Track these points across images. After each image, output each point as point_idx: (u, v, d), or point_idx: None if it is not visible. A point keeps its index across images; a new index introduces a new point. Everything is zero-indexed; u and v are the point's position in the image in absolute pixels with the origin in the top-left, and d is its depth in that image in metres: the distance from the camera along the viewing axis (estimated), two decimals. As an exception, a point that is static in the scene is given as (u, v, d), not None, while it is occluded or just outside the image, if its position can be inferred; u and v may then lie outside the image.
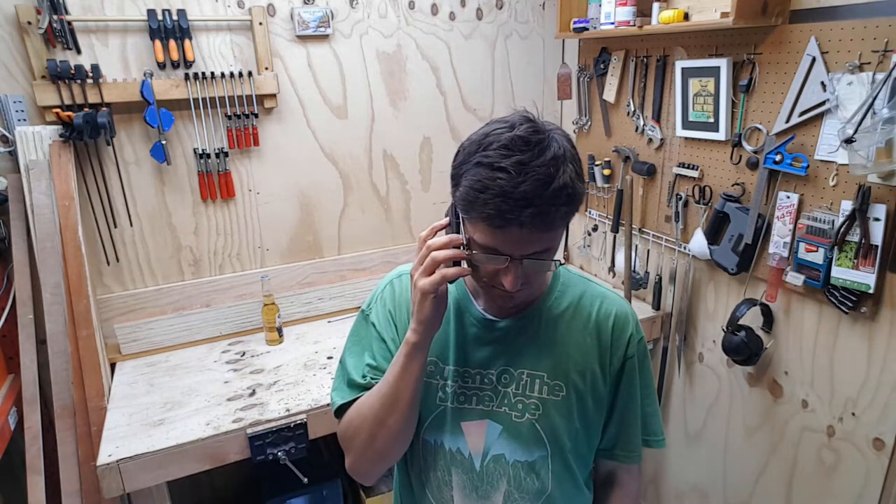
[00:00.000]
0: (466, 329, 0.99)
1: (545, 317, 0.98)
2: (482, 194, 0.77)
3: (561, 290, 1.01)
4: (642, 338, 1.02)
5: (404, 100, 2.14)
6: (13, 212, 1.68)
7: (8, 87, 1.64)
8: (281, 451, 1.55)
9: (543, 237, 0.81)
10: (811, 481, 1.62)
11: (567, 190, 0.78)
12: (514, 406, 0.97)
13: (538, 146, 0.78)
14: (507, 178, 0.76)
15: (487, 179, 0.77)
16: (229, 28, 1.83)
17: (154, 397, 1.65)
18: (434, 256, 0.84)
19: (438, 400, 0.99)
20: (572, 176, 0.79)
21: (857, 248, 1.34)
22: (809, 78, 1.40)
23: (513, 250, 0.81)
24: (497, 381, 0.98)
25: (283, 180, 2.04)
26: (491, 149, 0.78)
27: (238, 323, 2.01)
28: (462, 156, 0.84)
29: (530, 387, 0.97)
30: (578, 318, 0.99)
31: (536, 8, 2.25)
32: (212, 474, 2.17)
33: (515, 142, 0.78)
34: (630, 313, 1.01)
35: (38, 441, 1.62)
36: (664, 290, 2.01)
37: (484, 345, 0.98)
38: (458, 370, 0.99)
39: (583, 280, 1.05)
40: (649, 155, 1.96)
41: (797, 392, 1.61)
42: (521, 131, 0.78)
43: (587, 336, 0.98)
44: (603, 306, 1.00)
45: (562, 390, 0.97)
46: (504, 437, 0.97)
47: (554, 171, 0.77)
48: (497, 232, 0.79)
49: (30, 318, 1.69)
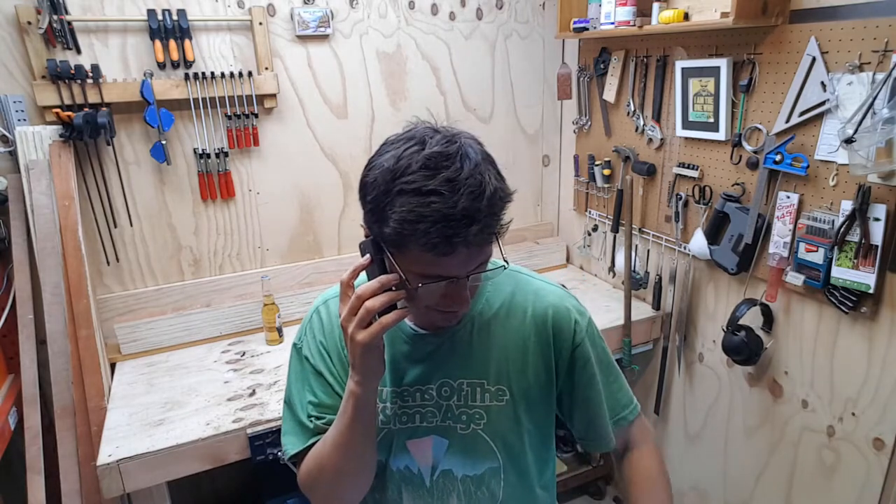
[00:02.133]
0: (397, 347, 0.95)
1: (477, 322, 0.94)
2: (419, 224, 0.70)
3: (491, 290, 0.96)
4: (589, 320, 0.99)
5: (404, 100, 2.14)
6: (13, 212, 1.68)
7: (8, 87, 1.64)
8: (281, 452, 1.55)
9: (487, 250, 0.79)
10: (811, 481, 1.62)
11: (499, 194, 0.75)
12: (458, 418, 0.94)
13: (458, 157, 0.73)
14: (442, 199, 0.70)
15: (420, 207, 0.70)
16: (229, 28, 1.83)
17: (154, 397, 1.65)
18: (368, 307, 0.77)
19: (381, 423, 0.95)
20: (496, 178, 0.76)
21: (857, 248, 1.34)
22: (809, 78, 1.40)
23: (458, 271, 0.77)
24: (438, 395, 0.94)
25: (283, 180, 2.04)
26: (410, 172, 0.71)
27: (238, 323, 2.01)
28: (376, 188, 0.75)
29: (472, 396, 0.94)
30: (513, 318, 0.95)
31: (536, 8, 2.25)
32: (212, 474, 2.16)
33: (434, 159, 0.72)
34: (568, 301, 0.98)
35: (38, 441, 1.62)
36: (664, 290, 2.01)
37: (417, 361, 0.95)
38: (395, 391, 0.95)
39: (512, 275, 0.99)
40: (649, 155, 1.96)
41: (797, 392, 1.61)
42: (436, 146, 0.73)
43: (525, 334, 0.95)
44: (538, 301, 0.96)
45: (505, 394, 0.94)
46: (452, 452, 0.95)
47: (481, 178, 0.72)
48: (443, 259, 0.74)
49: (30, 318, 1.69)
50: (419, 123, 0.79)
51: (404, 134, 0.78)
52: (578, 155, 2.31)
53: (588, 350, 0.97)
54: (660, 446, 2.18)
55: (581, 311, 0.99)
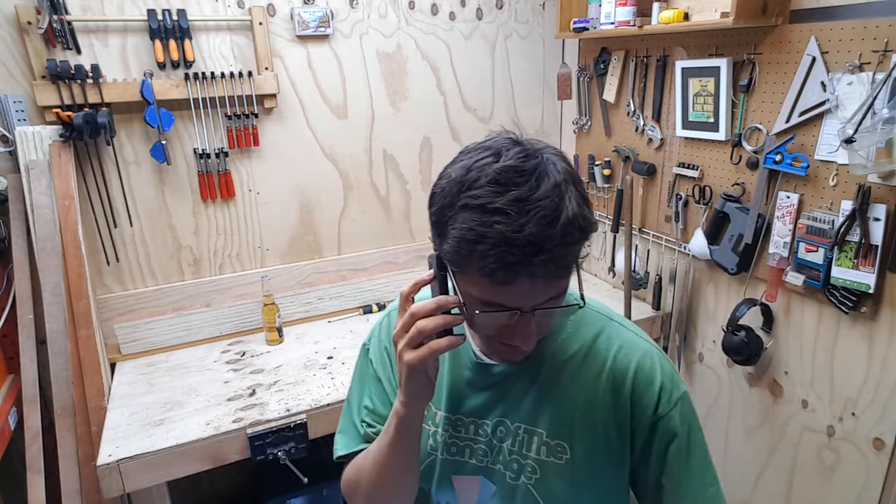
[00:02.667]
0: (460, 371, 0.87)
1: (549, 362, 0.82)
2: (479, 245, 0.63)
3: (571, 329, 0.84)
4: (684, 394, 0.81)
5: (404, 100, 2.14)
6: (13, 212, 1.68)
7: (8, 87, 1.64)
8: (281, 451, 1.55)
9: (559, 285, 0.68)
10: (811, 481, 1.62)
11: (577, 222, 0.64)
12: (510, 465, 0.84)
13: (534, 175, 0.64)
14: (506, 220, 0.62)
15: (482, 226, 0.63)
16: (229, 28, 1.83)
17: (154, 397, 1.65)
18: (420, 327, 0.71)
19: (429, 448, 0.89)
20: (579, 202, 0.65)
21: (857, 248, 1.34)
22: (809, 78, 1.40)
23: (522, 303, 0.67)
24: (492, 433, 0.85)
25: (283, 180, 2.04)
26: (478, 186, 0.64)
27: (238, 323, 2.01)
28: (442, 199, 0.68)
29: (527, 445, 0.83)
30: (589, 366, 0.82)
31: (536, 8, 2.25)
32: (212, 474, 2.16)
33: (506, 173, 0.64)
34: (658, 361, 0.82)
35: (38, 441, 1.62)
36: (664, 290, 2.01)
37: (478, 391, 0.86)
38: (449, 417, 0.87)
39: (601, 318, 0.86)
40: (649, 155, 1.96)
41: (797, 392, 1.61)
42: (511, 159, 0.65)
43: (599, 389, 0.81)
44: (621, 353, 0.82)
45: (565, 452, 0.81)
46: (497, 500, 0.86)
47: (558, 202, 0.63)
48: (502, 288, 0.65)
49: (30, 318, 1.69)
50: (501, 133, 0.72)
51: (482, 143, 0.70)
52: (578, 155, 2.31)
53: (675, 427, 0.79)
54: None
55: (674, 378, 0.82)
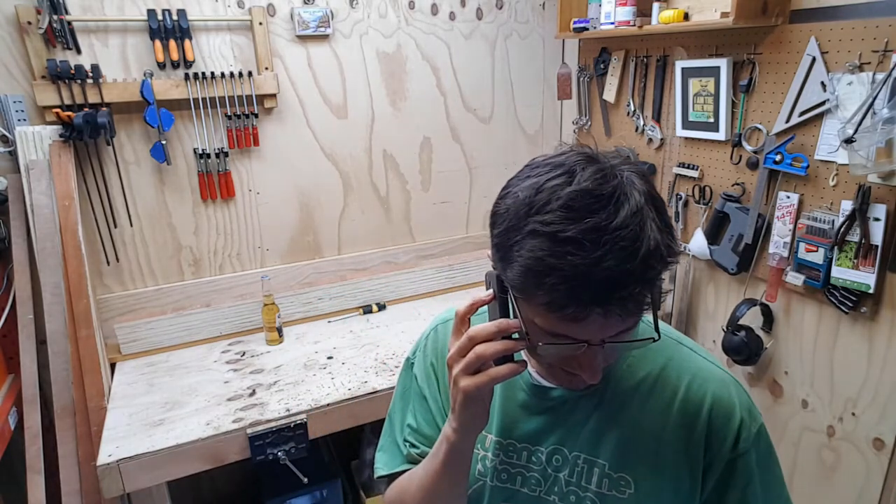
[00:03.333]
0: (514, 393, 0.82)
1: (613, 388, 0.77)
2: (548, 278, 0.57)
3: (640, 353, 0.78)
4: (762, 427, 0.76)
5: (404, 100, 2.14)
6: (13, 212, 1.68)
7: (8, 87, 1.64)
8: (281, 451, 1.55)
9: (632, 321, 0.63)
10: (811, 481, 1.62)
11: (660, 253, 0.58)
12: (566, 497, 0.78)
13: (612, 200, 0.58)
14: (581, 252, 0.56)
15: (553, 257, 0.57)
16: (229, 28, 1.83)
17: (154, 397, 1.65)
18: (479, 353, 0.65)
19: (478, 473, 0.83)
20: (661, 228, 0.59)
21: (857, 248, 1.34)
22: (809, 78, 1.40)
23: (592, 336, 0.62)
24: (547, 461, 0.79)
25: (283, 180, 2.04)
26: (549, 211, 0.58)
27: (238, 323, 2.01)
28: (507, 220, 0.62)
29: (587, 476, 0.77)
30: (658, 396, 0.76)
31: (536, 8, 2.25)
32: (212, 474, 2.17)
33: (581, 198, 0.58)
34: (735, 392, 0.76)
35: (38, 441, 1.62)
36: (664, 290, 2.00)
37: (533, 415, 0.80)
38: (500, 442, 0.82)
39: (672, 344, 0.80)
40: (649, 155, 1.96)
41: (797, 392, 1.61)
42: (587, 181, 0.59)
43: (669, 420, 0.75)
44: (695, 384, 0.76)
45: (629, 487, 0.75)
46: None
47: (639, 231, 0.57)
48: (572, 323, 0.60)
49: (30, 318, 1.69)
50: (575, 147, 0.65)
51: (553, 158, 0.64)
52: (578, 155, 2.31)
53: (753, 465, 0.74)
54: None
55: (752, 411, 0.76)
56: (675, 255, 0.61)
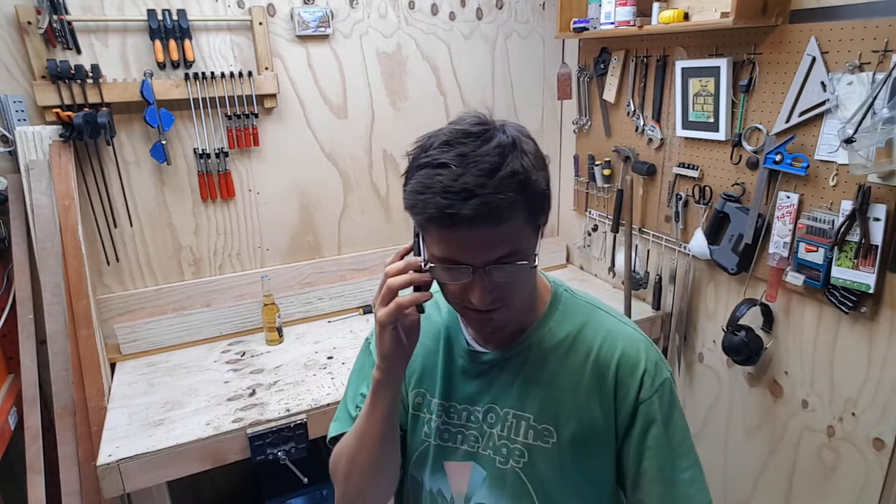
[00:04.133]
0: (454, 360, 0.91)
1: (535, 349, 0.86)
2: (422, 195, 0.70)
3: (559, 319, 0.87)
4: (666, 379, 0.84)
5: (404, 100, 2.14)
6: (13, 212, 1.68)
7: (8, 87, 1.64)
8: (281, 451, 1.55)
9: (500, 235, 0.71)
10: (811, 481, 1.62)
11: (518, 177, 0.69)
12: (499, 450, 0.87)
13: (481, 136, 0.71)
14: (448, 172, 0.68)
15: (428, 178, 0.70)
16: (229, 28, 1.83)
17: (154, 397, 1.65)
18: (390, 284, 0.77)
19: (423, 435, 0.92)
20: (525, 164, 0.70)
21: (857, 248, 1.34)
22: (809, 78, 1.40)
23: (472, 257, 0.72)
24: (483, 419, 0.88)
25: (283, 180, 2.04)
26: (433, 148, 0.72)
27: (238, 323, 2.01)
28: (408, 165, 0.76)
29: (515, 429, 0.86)
30: (575, 354, 0.85)
31: (536, 8, 2.25)
32: (212, 474, 2.17)
33: (455, 134, 0.71)
34: (643, 348, 0.85)
35: (38, 441, 1.62)
36: (664, 290, 2.01)
37: (471, 378, 0.89)
38: (443, 404, 0.91)
39: (589, 308, 0.90)
40: (649, 155, 1.96)
41: (797, 392, 1.61)
42: (463, 124, 0.72)
43: (584, 375, 0.84)
44: (607, 340, 0.85)
45: (551, 436, 0.84)
46: (487, 485, 0.87)
47: (500, 160, 0.69)
48: (446, 234, 0.71)
49: (30, 318, 1.69)
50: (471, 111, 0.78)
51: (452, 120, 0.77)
52: (578, 155, 2.31)
53: (655, 411, 0.82)
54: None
55: (658, 364, 0.85)
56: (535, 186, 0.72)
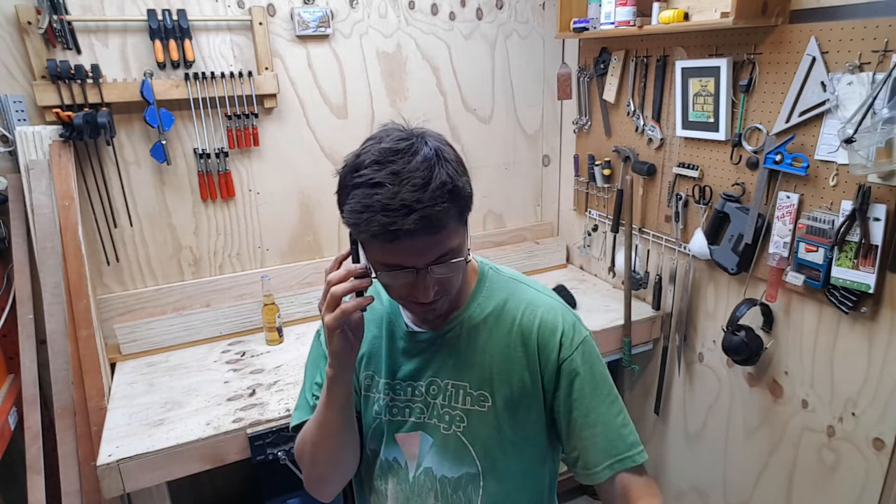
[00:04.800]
0: (396, 342, 0.99)
1: (466, 325, 0.95)
2: (364, 214, 0.75)
3: (485, 295, 0.97)
4: (586, 338, 0.93)
5: (404, 100, 2.14)
6: (13, 212, 1.68)
7: (8, 87, 1.64)
8: (281, 451, 1.55)
9: (438, 240, 0.78)
10: (811, 481, 1.62)
11: (447, 186, 0.76)
12: (442, 417, 0.96)
13: (407, 152, 0.77)
14: (384, 191, 0.74)
15: (366, 198, 0.75)
16: (229, 28, 1.83)
17: (154, 397, 1.65)
18: (333, 292, 0.84)
19: (375, 413, 1.00)
20: (450, 173, 0.78)
21: (857, 248, 1.34)
22: (809, 78, 1.40)
23: (415, 261, 0.79)
24: (426, 392, 0.97)
25: (284, 180, 2.04)
26: (364, 167, 0.77)
27: (238, 323, 2.01)
28: (340, 182, 0.82)
29: (455, 398, 0.95)
30: (501, 325, 0.94)
31: (536, 8, 2.25)
32: (212, 474, 2.16)
33: (384, 153, 0.77)
34: (560, 313, 0.94)
35: (38, 441, 1.62)
36: (664, 290, 2.01)
37: (412, 357, 0.98)
38: (388, 383, 0.99)
39: (512, 283, 0.99)
40: (649, 155, 1.96)
41: (797, 392, 1.61)
42: (388, 142, 0.78)
43: (511, 342, 0.93)
44: (528, 311, 0.94)
45: (487, 401, 0.94)
46: (434, 451, 0.96)
47: (429, 173, 0.76)
48: (390, 247, 0.77)
49: (30, 318, 1.69)
50: (388, 124, 0.84)
51: (375, 133, 0.83)
52: (578, 155, 2.31)
53: (577, 366, 0.91)
54: (660, 446, 2.18)
55: (575, 325, 0.94)
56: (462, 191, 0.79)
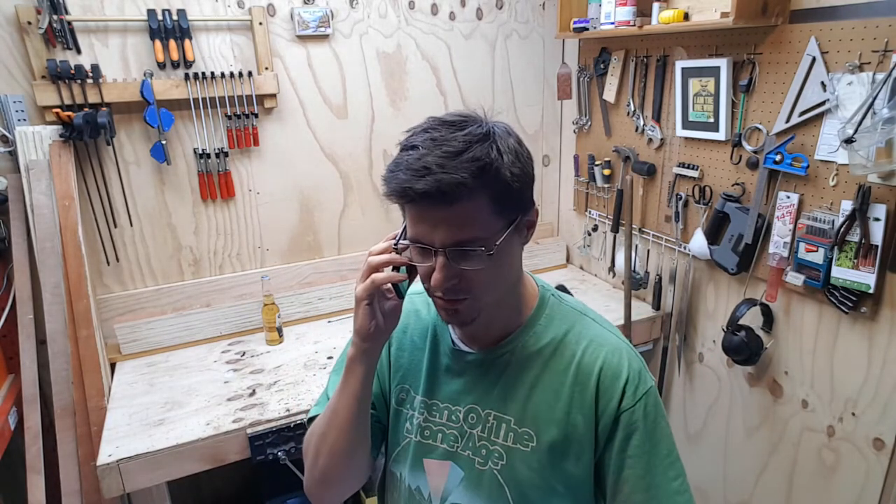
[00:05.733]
0: (439, 358, 0.92)
1: (519, 352, 0.87)
2: (392, 172, 0.74)
3: (544, 324, 0.88)
4: (651, 388, 0.84)
5: (404, 100, 2.14)
6: (13, 212, 1.68)
7: (8, 87, 1.64)
8: (281, 451, 1.55)
9: (455, 216, 0.72)
10: (811, 481, 1.62)
11: (479, 163, 0.71)
12: (478, 451, 0.87)
13: (456, 125, 0.74)
14: (416, 153, 0.72)
15: (399, 158, 0.74)
16: (229, 28, 1.83)
17: (154, 397, 1.65)
18: (370, 262, 0.81)
19: (405, 431, 0.93)
20: (493, 155, 0.72)
21: (857, 248, 1.34)
22: (809, 78, 1.40)
23: (431, 237, 0.74)
24: (464, 419, 0.89)
25: (283, 180, 2.04)
26: (414, 134, 0.76)
27: (238, 323, 2.01)
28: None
29: (496, 431, 0.86)
30: (558, 359, 0.86)
31: (536, 8, 2.25)
32: (212, 474, 2.16)
33: (434, 122, 0.76)
34: (626, 357, 0.85)
35: (38, 441, 1.62)
36: (664, 290, 2.01)
37: (454, 377, 0.90)
38: (425, 401, 0.92)
39: (575, 314, 0.90)
40: (649, 155, 1.96)
41: (797, 392, 1.61)
42: (446, 116, 0.76)
43: (567, 381, 0.84)
44: (590, 348, 0.85)
45: (531, 440, 0.85)
46: (464, 486, 0.88)
47: (465, 146, 0.71)
48: (409, 210, 0.76)
49: (30, 318, 1.69)
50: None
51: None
52: (578, 155, 2.31)
53: (638, 420, 0.82)
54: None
55: (641, 374, 0.85)
56: (497, 174, 0.73)
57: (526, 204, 0.80)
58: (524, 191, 0.78)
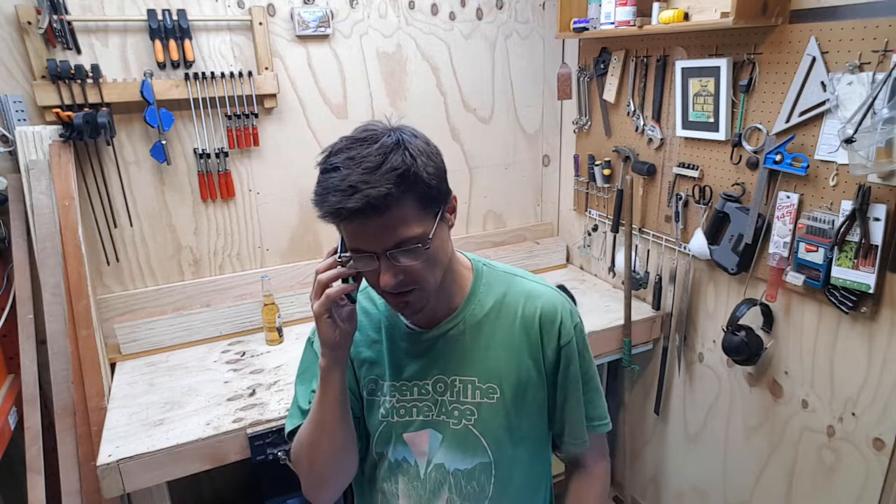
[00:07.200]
0: (397, 344, 1.01)
1: (469, 322, 0.99)
2: (320, 196, 0.80)
3: (484, 291, 1.01)
4: (578, 324, 1.01)
5: (404, 100, 2.14)
6: (13, 212, 1.68)
7: (8, 87, 1.64)
8: (281, 451, 1.55)
9: (389, 223, 0.80)
10: (811, 481, 1.62)
11: (398, 171, 0.78)
12: (451, 413, 0.98)
13: (367, 140, 0.80)
14: (338, 174, 0.78)
15: (324, 181, 0.80)
16: (229, 28, 1.83)
17: (154, 397, 1.65)
18: (319, 280, 0.87)
19: (381, 416, 1.01)
20: (406, 159, 0.79)
21: (857, 248, 1.34)
22: (809, 78, 1.40)
23: (371, 245, 0.82)
24: (433, 390, 0.99)
25: (284, 180, 2.04)
26: (331, 156, 0.82)
27: (238, 323, 2.01)
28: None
29: (464, 393, 0.98)
30: (504, 318, 0.99)
31: (536, 8, 2.25)
32: (212, 474, 2.16)
33: (348, 141, 0.82)
34: (558, 303, 1.00)
35: (38, 441, 1.62)
36: (664, 290, 2.01)
37: (415, 357, 1.00)
38: (394, 384, 1.00)
39: (507, 277, 1.04)
40: (649, 155, 1.96)
41: (797, 392, 1.61)
42: (355, 133, 0.83)
43: (515, 334, 0.98)
44: (528, 302, 0.99)
45: (495, 392, 0.97)
46: (445, 446, 0.99)
47: (381, 158, 0.78)
48: (346, 227, 0.82)
49: (30, 318, 1.69)
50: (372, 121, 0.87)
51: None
52: (578, 155, 2.31)
53: (574, 351, 1.00)
54: (660, 446, 2.18)
55: (572, 312, 1.01)
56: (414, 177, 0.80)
57: (445, 194, 0.88)
58: (441, 184, 0.86)
